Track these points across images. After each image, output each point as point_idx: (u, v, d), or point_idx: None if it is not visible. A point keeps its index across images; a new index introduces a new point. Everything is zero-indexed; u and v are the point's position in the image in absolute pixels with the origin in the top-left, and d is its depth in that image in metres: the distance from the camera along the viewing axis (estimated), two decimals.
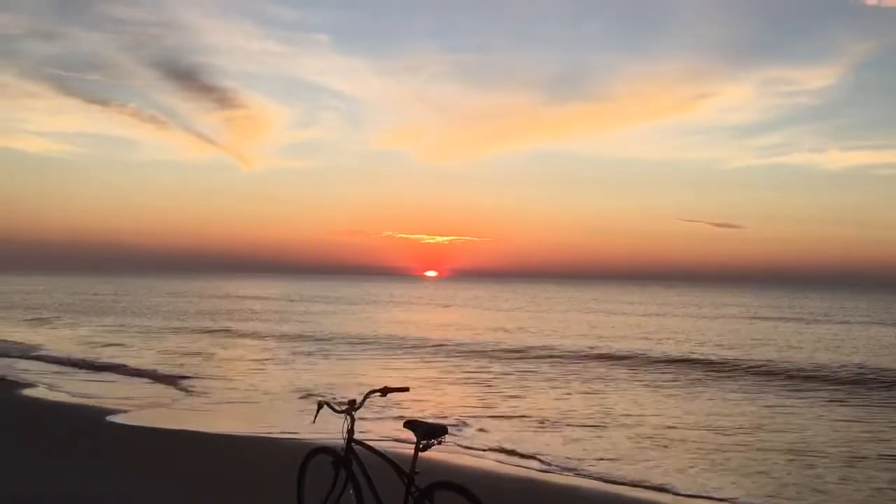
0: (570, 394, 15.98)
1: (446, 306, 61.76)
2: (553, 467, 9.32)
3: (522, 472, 9.09)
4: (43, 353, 22.54)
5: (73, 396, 14.29)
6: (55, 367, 19.11)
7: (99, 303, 56.66)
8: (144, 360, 21.00)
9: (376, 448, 4.75)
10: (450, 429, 4.71)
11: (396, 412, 12.46)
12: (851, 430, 12.53)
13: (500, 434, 11.39)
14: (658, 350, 25.40)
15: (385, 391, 4.92)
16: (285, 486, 5.78)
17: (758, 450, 10.71)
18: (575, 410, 13.77)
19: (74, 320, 37.95)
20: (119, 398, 14.14)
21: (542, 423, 12.45)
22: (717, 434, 11.76)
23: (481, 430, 11.67)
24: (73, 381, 16.59)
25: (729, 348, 26.73)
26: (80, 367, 19.20)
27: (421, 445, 4.42)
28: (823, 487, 8.79)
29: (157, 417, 12.18)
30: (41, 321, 36.95)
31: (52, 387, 15.48)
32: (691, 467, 9.54)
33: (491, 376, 18.65)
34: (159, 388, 15.95)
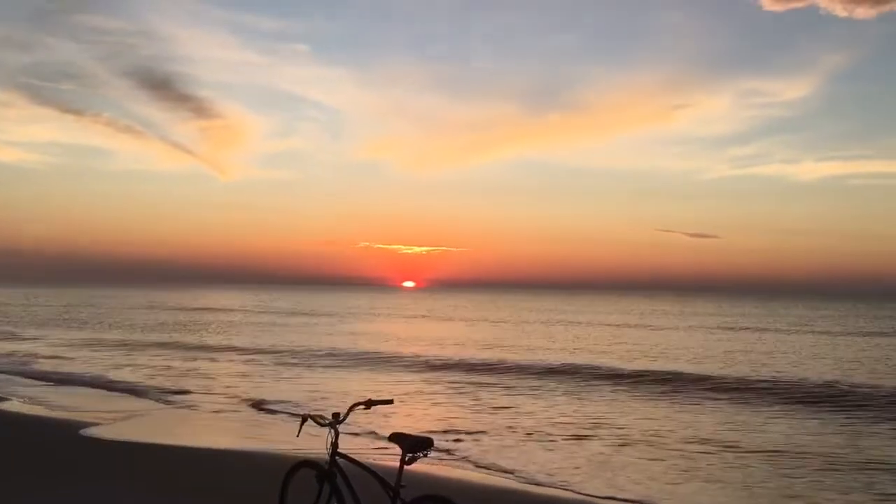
0: (553, 406, 15.99)
1: (425, 317, 61.66)
2: (537, 479, 9.31)
3: (507, 484, 9.07)
4: (18, 367, 22.18)
5: (47, 410, 14.04)
6: (29, 381, 18.77)
7: (74, 315, 55.85)
8: (120, 373, 20.72)
9: (361, 461, 4.71)
10: (435, 441, 4.68)
11: (381, 425, 12.35)
12: (827, 440, 12.64)
13: (485, 446, 11.37)
14: (638, 363, 25.53)
15: (369, 404, 4.88)
16: (268, 501, 5.71)
17: (735, 460, 10.78)
18: (559, 423, 13.77)
19: (48, 333, 37.36)
20: (94, 411, 13.91)
21: (526, 435, 12.44)
22: (698, 447, 11.82)
23: (466, 442, 11.63)
24: (47, 394, 16.30)
25: (707, 361, 26.95)
26: (55, 381, 18.86)
27: (406, 458, 4.40)
28: (800, 494, 8.86)
29: (133, 431, 11.99)
30: (12, 334, 36.31)
31: (25, 400, 15.21)
32: (676, 482, 9.57)
33: (475, 389, 18.60)
34: (135, 401, 15.72)
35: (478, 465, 10.06)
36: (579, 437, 12.24)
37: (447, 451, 10.78)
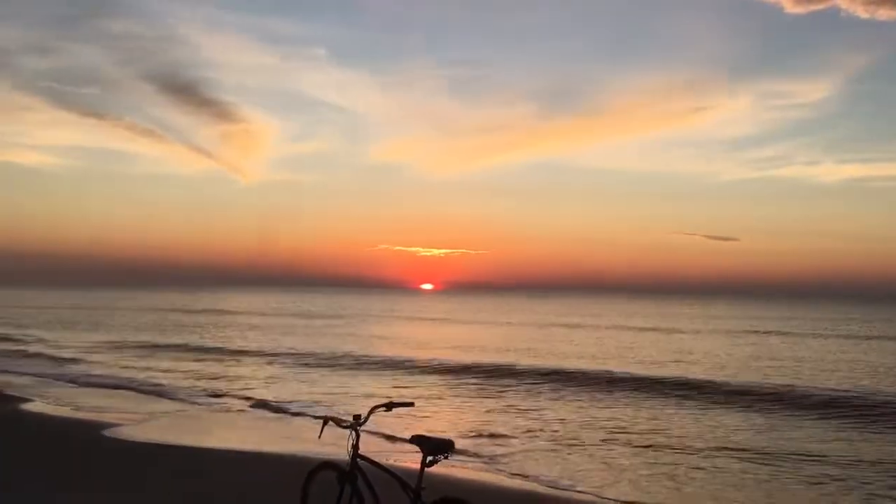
0: (576, 411, 15.92)
1: (445, 320, 61.61)
2: (559, 484, 9.24)
3: (529, 488, 9.02)
4: (44, 369, 22.53)
5: (72, 410, 14.21)
6: (55, 383, 19.02)
7: (97, 317, 56.46)
8: (143, 375, 20.94)
9: (382, 463, 4.71)
10: (457, 444, 4.67)
11: (403, 428, 12.34)
12: (855, 446, 12.48)
13: (507, 450, 11.33)
14: (661, 369, 25.39)
15: (390, 406, 4.88)
16: (289, 503, 5.73)
17: (760, 465, 10.66)
18: (582, 427, 13.70)
19: (72, 336, 37.85)
20: (117, 412, 14.04)
21: (549, 439, 12.37)
22: (723, 452, 11.71)
23: (488, 445, 11.60)
24: (72, 395, 16.49)
25: (732, 367, 26.72)
26: (80, 383, 19.10)
27: (427, 460, 4.39)
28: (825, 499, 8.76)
29: (156, 431, 12.08)
30: (37, 337, 36.79)
31: (50, 401, 15.40)
32: (700, 487, 9.49)
33: (497, 392, 18.53)
34: (159, 403, 15.85)
35: (499, 469, 10.00)
36: (604, 442, 12.13)
37: (469, 454, 10.74)
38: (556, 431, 13.03)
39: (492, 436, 12.43)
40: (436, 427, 12.94)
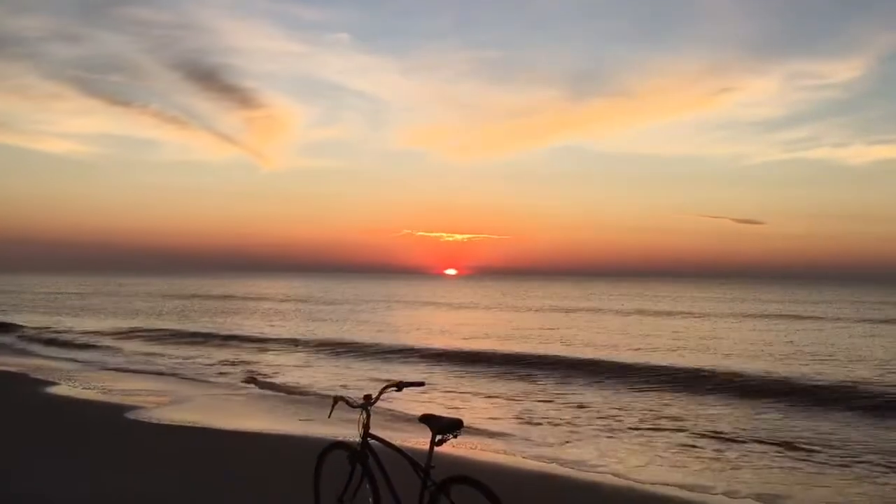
0: (603, 396, 15.83)
1: (469, 307, 61.63)
2: (580, 465, 9.16)
3: (541, 468, 8.93)
4: (73, 355, 22.89)
5: (97, 394, 14.40)
6: (83, 368, 19.30)
7: (123, 304, 57.26)
8: (169, 360, 21.21)
9: (392, 442, 4.68)
10: (478, 428, 4.62)
11: (413, 408, 12.33)
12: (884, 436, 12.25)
13: (529, 433, 11.23)
14: (694, 359, 25.18)
15: (400, 385, 4.87)
16: (301, 482, 5.73)
17: (789, 451, 10.52)
18: (608, 414, 13.60)
19: (96, 322, 38.41)
20: (141, 396, 14.19)
21: (571, 424, 12.27)
22: (754, 442, 11.58)
23: (509, 428, 11.51)
24: (98, 379, 16.70)
25: (766, 356, 26.44)
26: (107, 368, 19.36)
27: (436, 439, 4.36)
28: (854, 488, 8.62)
29: (178, 414, 12.17)
30: (64, 325, 37.39)
31: (75, 384, 15.61)
32: (728, 471, 9.37)
33: (522, 377, 18.52)
34: (182, 386, 15.99)
35: (518, 451, 9.92)
36: (632, 428, 11.96)
37: (489, 436, 10.63)
38: (580, 416, 12.92)
39: (514, 419, 12.37)
40: (458, 412, 12.90)
